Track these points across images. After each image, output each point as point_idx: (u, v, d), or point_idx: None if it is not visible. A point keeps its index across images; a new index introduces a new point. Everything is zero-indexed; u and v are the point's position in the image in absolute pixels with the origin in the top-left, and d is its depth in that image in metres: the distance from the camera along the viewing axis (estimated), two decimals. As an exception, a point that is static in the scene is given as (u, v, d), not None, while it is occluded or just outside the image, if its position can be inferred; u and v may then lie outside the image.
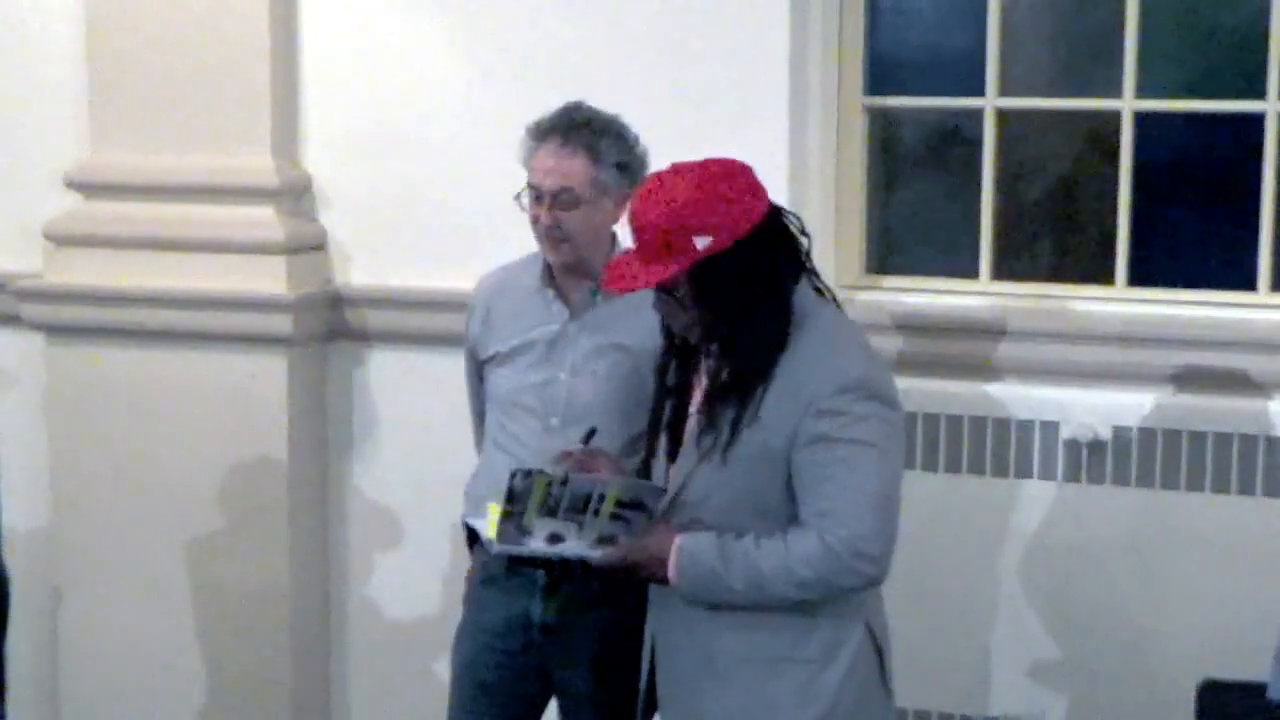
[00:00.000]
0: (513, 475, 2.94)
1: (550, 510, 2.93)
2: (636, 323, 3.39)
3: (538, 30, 4.35)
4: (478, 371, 3.68)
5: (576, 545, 2.96)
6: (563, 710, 3.67)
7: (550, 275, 3.54)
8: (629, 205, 2.92)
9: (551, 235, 3.45)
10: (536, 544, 2.97)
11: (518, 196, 3.49)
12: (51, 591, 4.76)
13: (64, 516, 4.72)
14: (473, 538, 3.68)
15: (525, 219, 3.49)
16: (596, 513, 2.92)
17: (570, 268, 3.51)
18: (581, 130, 3.45)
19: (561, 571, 3.34)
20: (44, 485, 4.72)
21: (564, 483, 2.93)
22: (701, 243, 2.79)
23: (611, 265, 2.95)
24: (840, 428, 2.79)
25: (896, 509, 2.85)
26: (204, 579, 4.64)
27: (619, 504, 2.92)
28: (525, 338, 3.54)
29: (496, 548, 3.03)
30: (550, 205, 3.43)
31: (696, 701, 2.96)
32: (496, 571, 3.55)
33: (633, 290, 2.90)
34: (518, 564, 3.46)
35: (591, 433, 3.24)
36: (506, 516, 2.95)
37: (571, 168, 3.43)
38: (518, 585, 3.53)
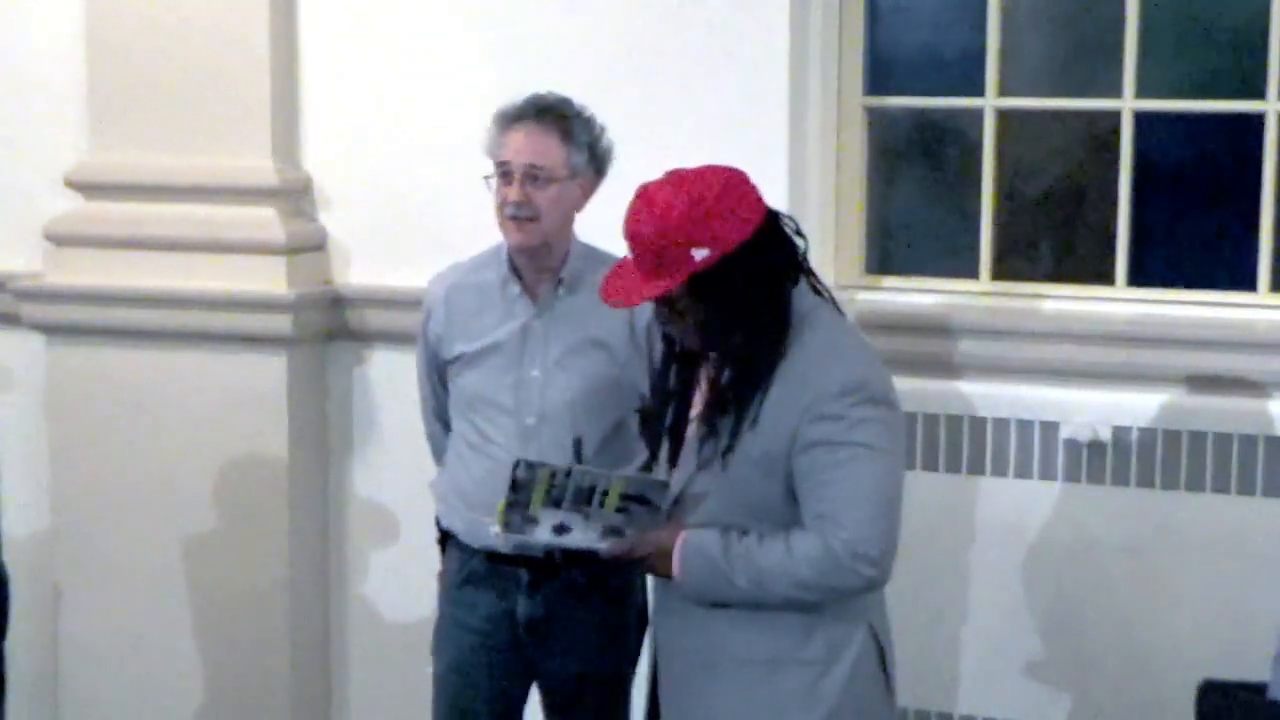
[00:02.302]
0: (516, 465, 2.95)
1: (555, 501, 2.94)
2: (604, 314, 3.39)
3: (537, 30, 4.35)
4: (439, 372, 3.64)
5: (584, 536, 2.97)
6: (548, 703, 3.67)
7: (514, 271, 3.52)
8: (624, 219, 2.87)
9: (520, 215, 3.41)
10: (543, 533, 2.98)
11: (488, 178, 3.46)
12: (51, 591, 4.76)
13: (64, 516, 4.72)
14: (444, 537, 3.68)
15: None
16: (601, 505, 2.93)
17: (533, 254, 3.47)
18: (553, 113, 3.44)
19: (563, 559, 3.36)
20: (44, 485, 4.72)
21: (568, 475, 2.94)
22: (699, 254, 2.78)
23: (609, 278, 2.92)
24: (840, 431, 2.78)
25: (898, 511, 2.85)
26: (204, 579, 4.64)
27: (623, 497, 2.93)
28: (493, 336, 3.51)
29: (503, 536, 3.02)
30: (521, 183, 3.40)
31: (699, 703, 2.96)
32: (477, 570, 3.56)
33: (632, 305, 2.90)
34: (499, 561, 3.47)
35: (578, 444, 3.23)
36: (511, 506, 2.96)
37: (545, 146, 3.41)
38: (501, 583, 3.54)
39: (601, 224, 3.48)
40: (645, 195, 2.83)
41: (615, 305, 2.92)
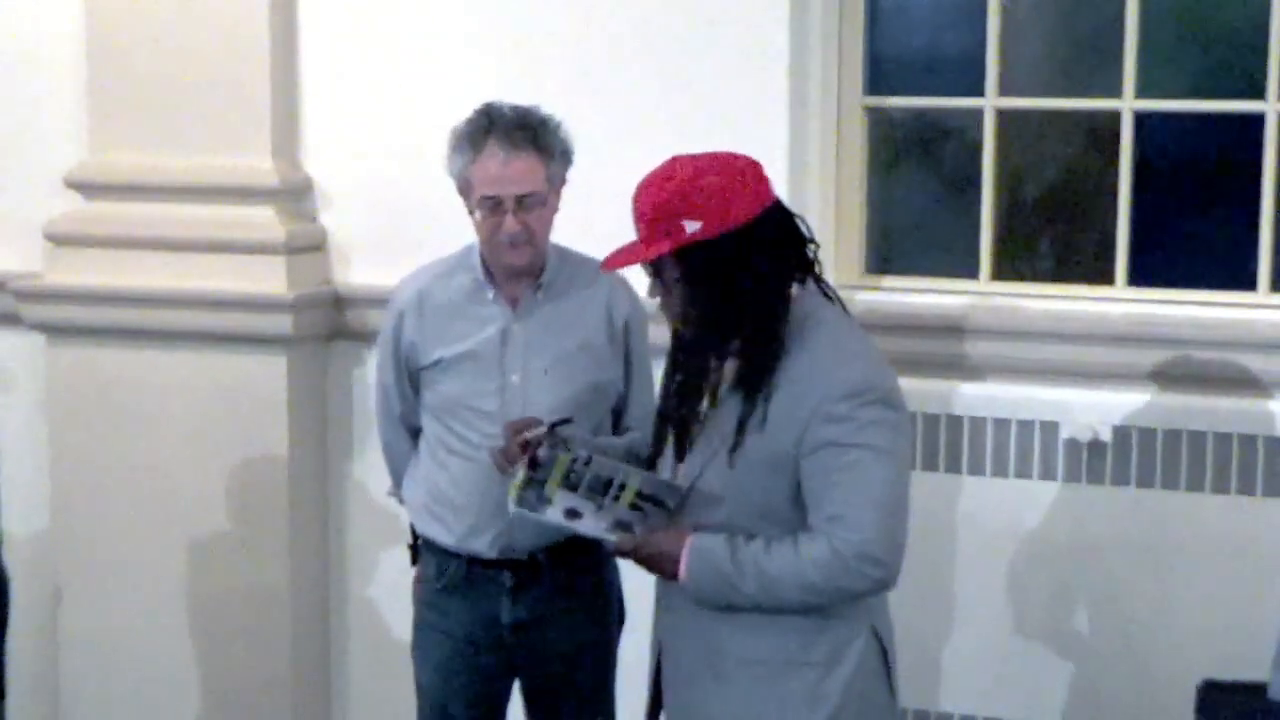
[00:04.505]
0: (538, 444, 2.96)
1: (571, 486, 2.96)
2: (584, 316, 3.39)
3: (537, 29, 4.36)
4: (408, 378, 3.59)
5: (593, 525, 2.98)
6: (530, 706, 3.68)
7: (490, 276, 3.50)
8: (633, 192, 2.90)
9: (519, 241, 3.39)
10: (555, 515, 3.00)
11: (472, 213, 3.44)
12: (51, 591, 4.76)
13: (64, 517, 4.73)
14: (415, 545, 3.67)
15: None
16: (616, 499, 2.93)
17: (528, 271, 3.47)
18: (520, 130, 3.39)
19: (546, 561, 3.40)
20: (44, 485, 4.72)
21: (587, 462, 2.95)
22: (690, 227, 2.80)
23: (614, 250, 2.94)
24: (848, 433, 2.78)
25: (905, 513, 2.85)
26: (204, 579, 4.65)
27: (639, 495, 2.94)
28: (471, 342, 3.48)
29: (515, 510, 3.02)
30: (515, 211, 3.37)
31: (702, 703, 2.96)
32: (458, 576, 3.55)
33: (623, 266, 2.91)
34: (483, 566, 3.46)
35: (564, 422, 3.19)
36: (528, 483, 2.98)
37: (528, 169, 3.38)
38: (483, 588, 3.53)
39: (600, 224, 3.49)
40: (656, 168, 2.87)
41: (607, 270, 2.94)
